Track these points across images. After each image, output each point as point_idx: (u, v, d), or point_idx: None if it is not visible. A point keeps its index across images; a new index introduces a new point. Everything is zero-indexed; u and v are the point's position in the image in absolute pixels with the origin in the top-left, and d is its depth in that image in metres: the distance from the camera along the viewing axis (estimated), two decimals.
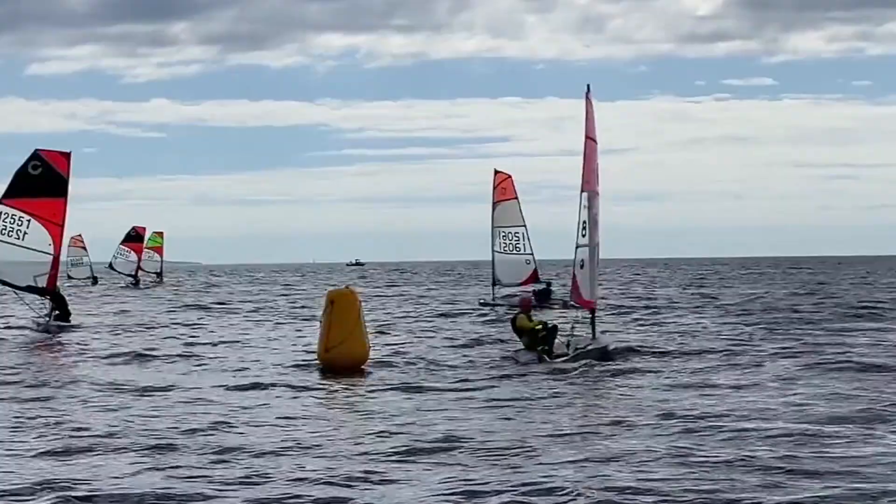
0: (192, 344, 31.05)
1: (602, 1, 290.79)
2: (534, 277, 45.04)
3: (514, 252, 45.28)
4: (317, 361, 23.93)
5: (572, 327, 25.06)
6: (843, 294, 56.06)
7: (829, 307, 43.50)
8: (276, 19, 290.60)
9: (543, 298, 43.69)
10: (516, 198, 45.44)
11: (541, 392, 19.74)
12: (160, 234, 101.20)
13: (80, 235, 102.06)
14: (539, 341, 24.42)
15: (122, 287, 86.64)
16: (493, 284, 46.33)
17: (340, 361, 23.44)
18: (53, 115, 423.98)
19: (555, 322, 26.25)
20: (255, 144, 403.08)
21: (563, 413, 17.28)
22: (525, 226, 45.23)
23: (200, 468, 13.12)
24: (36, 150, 36.90)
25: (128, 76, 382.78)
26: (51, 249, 36.77)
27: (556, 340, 24.64)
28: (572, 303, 26.41)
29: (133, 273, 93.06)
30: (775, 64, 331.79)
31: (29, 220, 36.64)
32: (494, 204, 45.47)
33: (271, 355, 27.13)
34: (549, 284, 46.32)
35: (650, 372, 22.46)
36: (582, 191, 24.89)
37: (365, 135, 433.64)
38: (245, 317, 44.43)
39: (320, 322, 24.20)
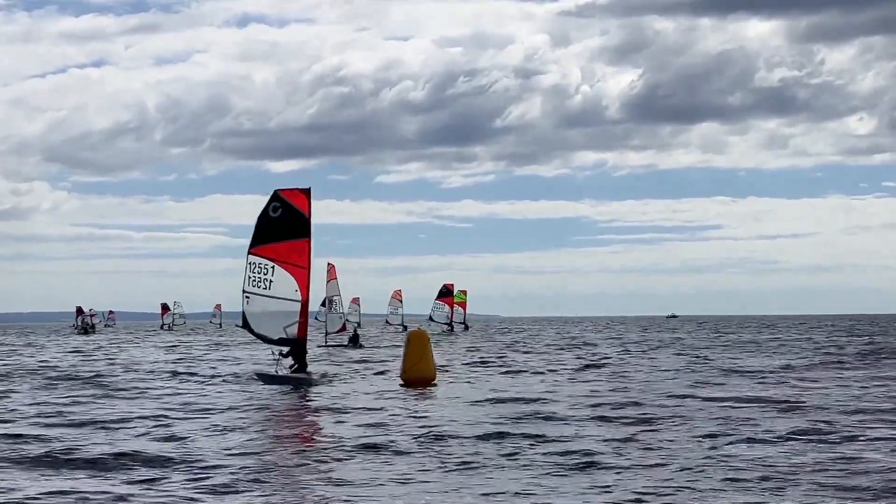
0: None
1: (785, 125, 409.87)
2: (343, 327, 73.61)
3: (335, 312, 72.85)
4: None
5: None
6: None
7: None
8: (545, 141, 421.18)
9: (354, 342, 65.74)
10: (336, 278, 72.61)
11: None
12: (464, 291, 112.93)
13: (399, 290, 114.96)
14: None
15: (438, 333, 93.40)
16: (326, 334, 70.25)
17: (414, 379, 30.74)
18: (396, 212, 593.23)
19: None
20: (537, 231, 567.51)
21: None
22: (340, 294, 73.68)
23: None
24: (275, 190, 33.13)
25: (444, 183, 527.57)
26: (298, 296, 32.91)
27: None
28: None
29: (448, 322, 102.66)
30: None
31: (273, 267, 33.14)
32: (328, 282, 71.73)
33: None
34: (355, 330, 71.86)
35: None
36: None
37: (615, 224, 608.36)
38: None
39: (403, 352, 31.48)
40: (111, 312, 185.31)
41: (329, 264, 73.06)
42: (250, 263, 33.25)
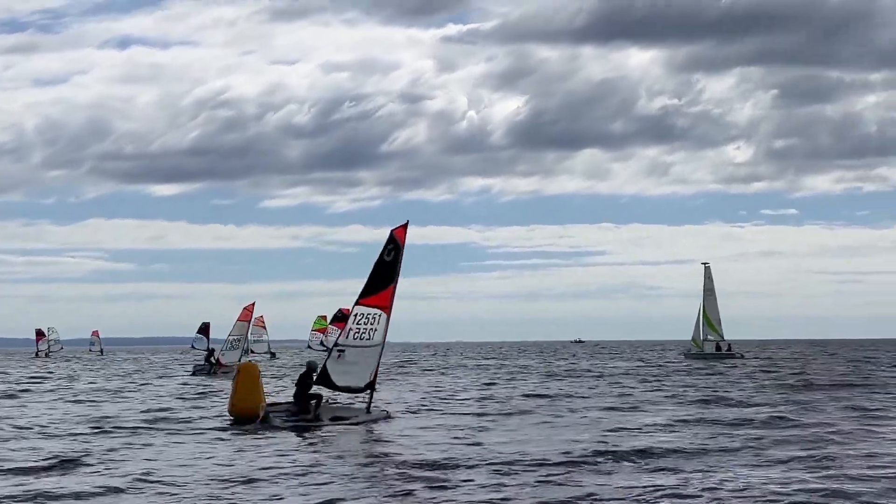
0: None
1: (665, 153, 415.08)
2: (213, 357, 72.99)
3: (233, 349, 71.96)
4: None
5: None
6: None
7: None
8: (431, 167, 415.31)
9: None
10: (250, 320, 73.87)
11: None
12: (324, 317, 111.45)
13: (261, 317, 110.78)
14: None
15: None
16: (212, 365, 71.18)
17: (242, 413, 29.70)
18: (281, 237, 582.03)
19: None
20: (424, 257, 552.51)
21: None
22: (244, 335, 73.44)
23: None
24: (391, 230, 30.70)
25: (331, 208, 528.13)
26: (380, 338, 30.67)
27: None
28: None
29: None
30: (797, 198, 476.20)
31: (379, 315, 30.47)
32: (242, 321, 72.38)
33: None
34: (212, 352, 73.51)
35: None
36: None
37: (501, 250, 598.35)
38: None
39: (232, 385, 30.53)
40: None
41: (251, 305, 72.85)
42: (357, 315, 30.64)
